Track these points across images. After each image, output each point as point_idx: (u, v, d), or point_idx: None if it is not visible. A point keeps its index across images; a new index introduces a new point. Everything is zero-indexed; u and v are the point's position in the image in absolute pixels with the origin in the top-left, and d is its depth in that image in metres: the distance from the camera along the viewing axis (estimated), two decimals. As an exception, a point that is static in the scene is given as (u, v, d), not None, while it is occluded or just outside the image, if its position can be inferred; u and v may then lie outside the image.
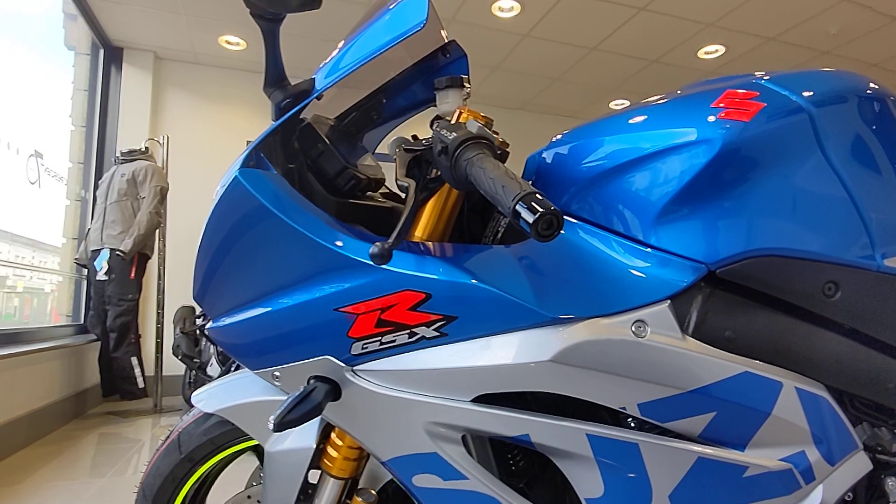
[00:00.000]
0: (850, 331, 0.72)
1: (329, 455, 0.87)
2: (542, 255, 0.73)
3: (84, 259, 3.93)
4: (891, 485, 0.73)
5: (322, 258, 0.71)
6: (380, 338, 0.70)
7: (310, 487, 0.89)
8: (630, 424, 0.71)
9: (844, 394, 0.74)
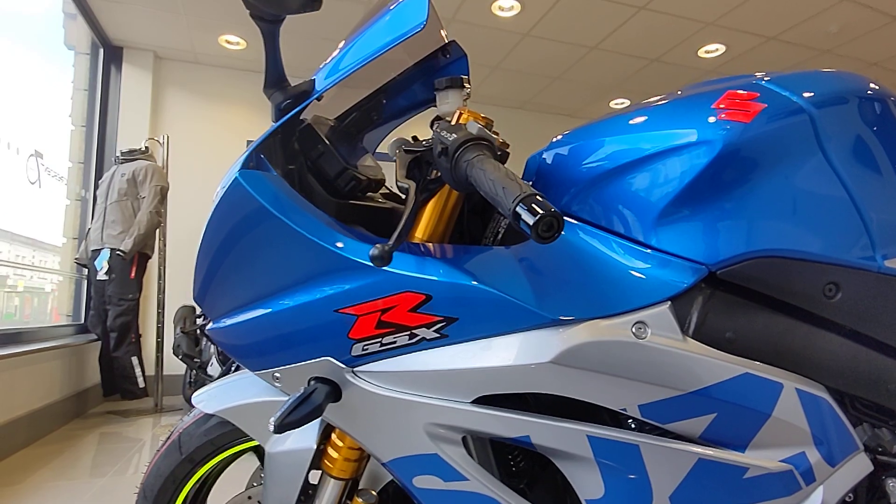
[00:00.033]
0: (851, 332, 0.72)
1: (329, 456, 0.87)
2: (543, 257, 0.72)
3: (84, 259, 3.93)
4: (891, 486, 0.73)
5: (322, 259, 0.71)
6: (380, 339, 0.70)
7: (310, 488, 0.89)
8: (630, 426, 0.71)
9: (845, 395, 0.74)
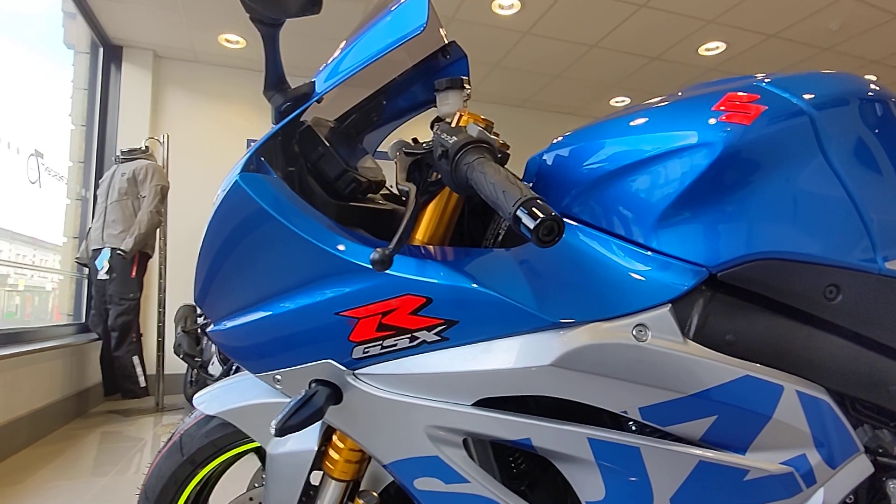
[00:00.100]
0: (852, 334, 0.72)
1: (331, 457, 0.87)
2: (543, 259, 0.72)
3: (85, 258, 3.93)
4: (892, 487, 0.73)
5: (323, 262, 0.71)
6: (381, 342, 0.70)
7: (311, 489, 0.89)
8: (631, 428, 0.71)
9: (845, 396, 0.74)
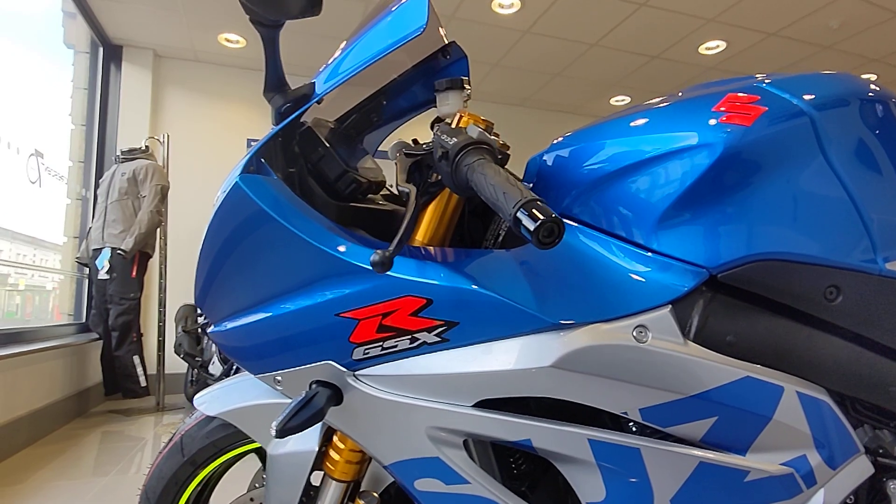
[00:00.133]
0: (852, 334, 0.72)
1: (331, 458, 0.87)
2: (543, 260, 0.72)
3: (85, 258, 3.93)
4: (892, 488, 0.73)
5: (323, 264, 0.71)
6: (381, 343, 0.70)
7: (312, 490, 0.90)
8: (631, 429, 0.71)
9: (846, 397, 0.74)
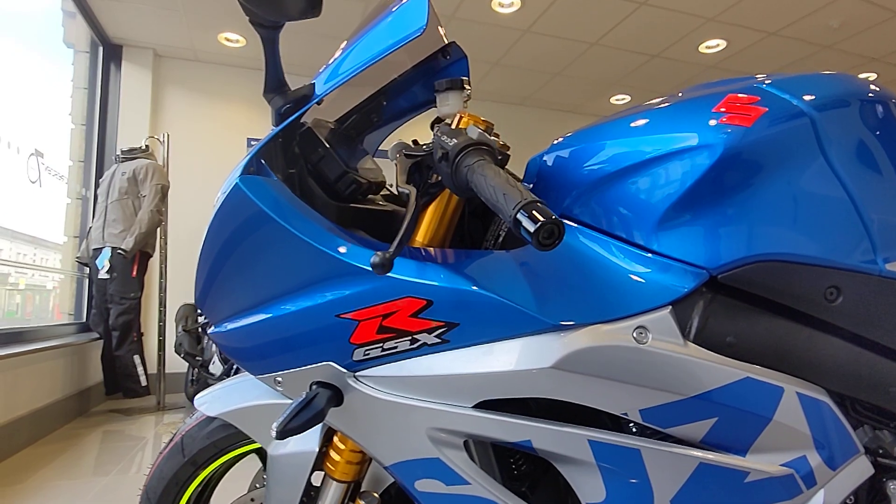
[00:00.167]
0: (852, 335, 0.72)
1: (332, 458, 0.87)
2: (543, 261, 0.72)
3: (86, 257, 3.94)
4: (892, 488, 0.73)
5: (323, 265, 0.71)
6: (381, 344, 0.70)
7: (313, 490, 0.90)
8: (632, 430, 0.71)
9: (846, 398, 0.74)
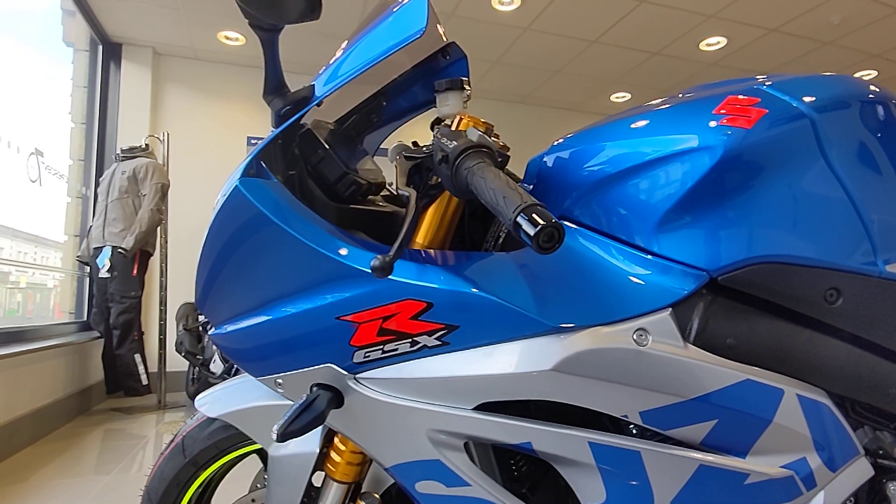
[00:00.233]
0: (852, 337, 0.72)
1: (332, 459, 0.87)
2: (543, 263, 0.72)
3: (86, 256, 3.94)
4: (892, 489, 0.73)
5: (323, 267, 0.71)
6: (382, 346, 0.71)
7: (313, 491, 0.90)
8: (632, 432, 0.71)
9: (846, 399, 0.74)
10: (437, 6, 0.85)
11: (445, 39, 0.98)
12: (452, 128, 0.78)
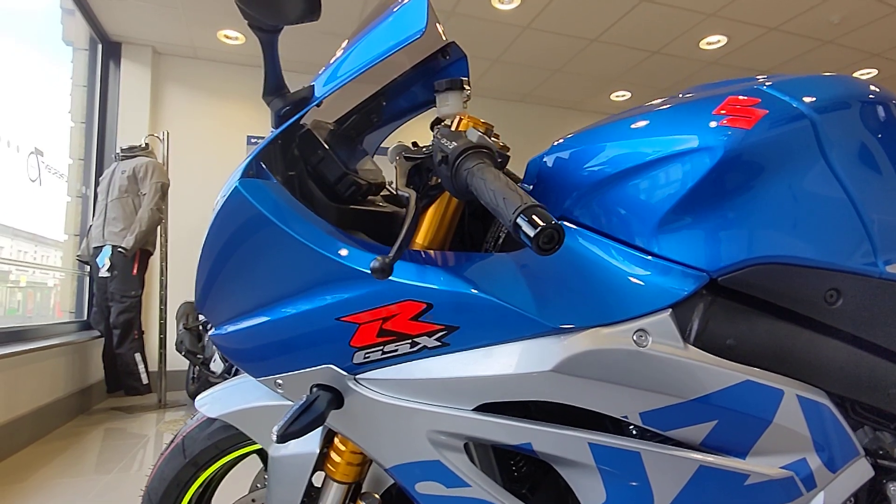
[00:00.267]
0: (852, 338, 0.72)
1: (332, 460, 0.87)
2: (543, 263, 0.72)
3: (86, 256, 3.94)
4: (892, 490, 0.73)
5: (323, 268, 0.71)
6: (381, 347, 0.71)
7: (314, 491, 0.90)
8: (632, 433, 0.71)
9: (846, 400, 0.74)
10: (437, 4, 0.85)
11: (445, 39, 0.98)
12: (452, 128, 0.78)
